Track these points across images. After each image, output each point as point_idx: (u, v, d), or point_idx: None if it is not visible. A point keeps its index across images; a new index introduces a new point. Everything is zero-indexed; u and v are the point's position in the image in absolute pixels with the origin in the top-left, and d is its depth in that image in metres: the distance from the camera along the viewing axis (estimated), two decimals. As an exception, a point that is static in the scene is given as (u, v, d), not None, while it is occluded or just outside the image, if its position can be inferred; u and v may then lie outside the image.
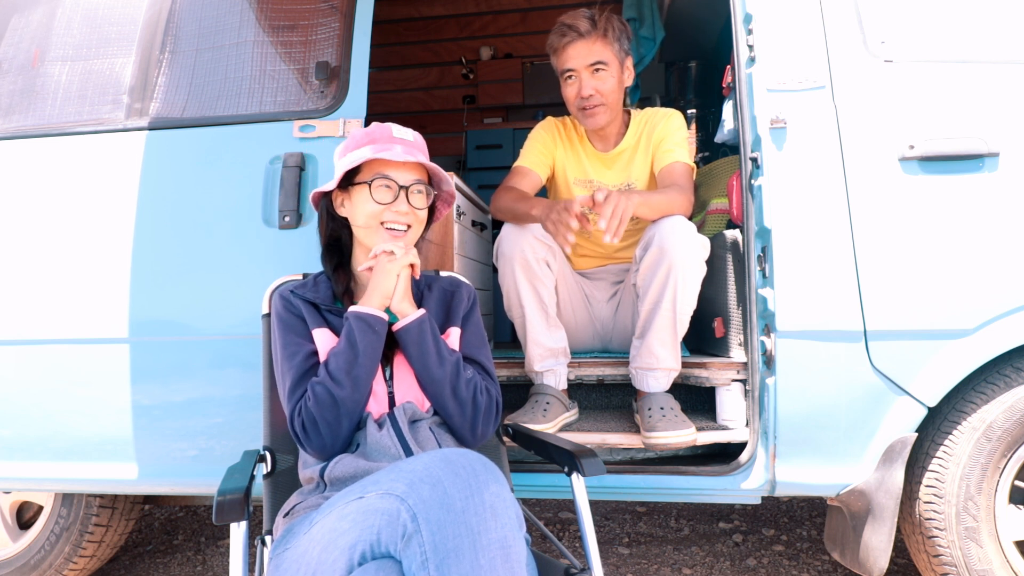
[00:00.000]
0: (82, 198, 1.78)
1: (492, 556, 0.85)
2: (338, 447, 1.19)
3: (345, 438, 1.19)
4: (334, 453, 1.19)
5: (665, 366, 1.67)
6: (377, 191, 1.24)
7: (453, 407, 1.25)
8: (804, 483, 1.56)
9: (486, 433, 1.29)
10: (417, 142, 1.31)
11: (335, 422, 1.16)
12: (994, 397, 1.51)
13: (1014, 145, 1.50)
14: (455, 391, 1.24)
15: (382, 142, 1.27)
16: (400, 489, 0.88)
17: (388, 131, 1.28)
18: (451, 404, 1.24)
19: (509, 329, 3.02)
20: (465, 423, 1.26)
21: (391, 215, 1.25)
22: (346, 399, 1.16)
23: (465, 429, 1.26)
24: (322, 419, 1.16)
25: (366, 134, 1.28)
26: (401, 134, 1.29)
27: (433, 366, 1.23)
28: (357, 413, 1.19)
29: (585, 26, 1.79)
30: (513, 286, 1.70)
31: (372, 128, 1.29)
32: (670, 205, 1.66)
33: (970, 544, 1.49)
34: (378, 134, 1.28)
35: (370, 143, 1.27)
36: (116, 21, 1.92)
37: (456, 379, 1.24)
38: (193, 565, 2.34)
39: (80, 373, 1.74)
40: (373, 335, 1.19)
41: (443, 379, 1.23)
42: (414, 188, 1.27)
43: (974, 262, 1.48)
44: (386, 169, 1.25)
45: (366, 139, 1.27)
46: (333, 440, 1.17)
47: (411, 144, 1.29)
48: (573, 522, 2.57)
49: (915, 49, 1.58)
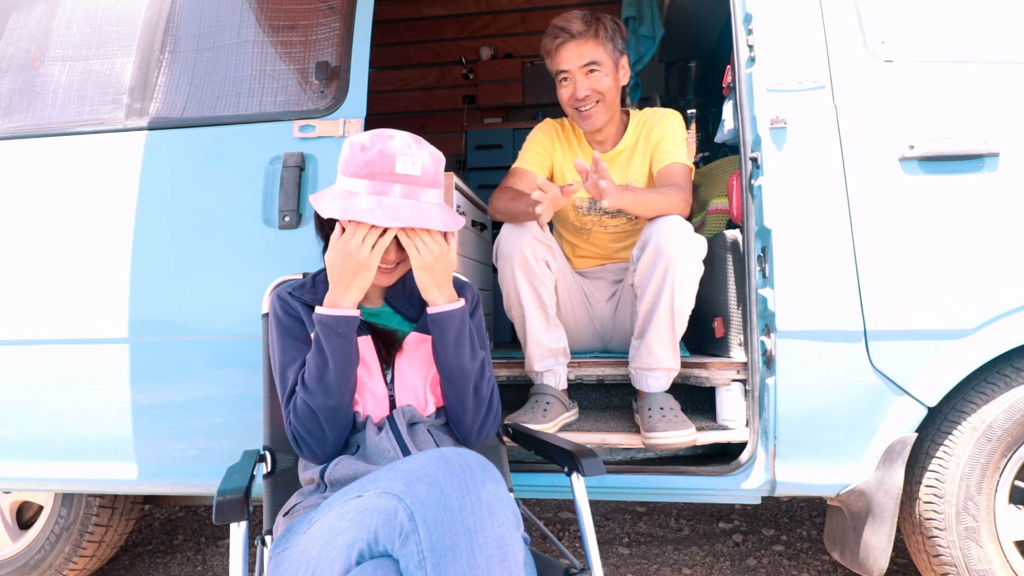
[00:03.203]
0: (82, 198, 1.78)
1: (489, 555, 0.85)
2: (329, 452, 1.18)
3: (335, 444, 1.18)
4: (329, 458, 1.18)
5: (664, 366, 1.67)
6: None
7: (471, 404, 1.23)
8: (804, 483, 1.56)
9: (489, 436, 1.29)
10: (426, 174, 1.13)
11: (317, 431, 1.15)
12: (994, 397, 1.51)
13: (1014, 145, 1.50)
14: (477, 388, 1.23)
15: (381, 178, 1.10)
16: (397, 488, 0.88)
17: (391, 163, 1.10)
18: (470, 401, 1.23)
19: (509, 329, 3.02)
20: (476, 422, 1.25)
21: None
22: (320, 407, 1.14)
23: (474, 429, 1.25)
24: (304, 430, 1.15)
25: (367, 164, 1.11)
26: (405, 168, 1.10)
27: (466, 358, 1.21)
28: (339, 420, 1.16)
29: (577, 27, 1.79)
30: (513, 286, 1.70)
31: (374, 156, 1.10)
32: (667, 205, 1.66)
33: (970, 544, 1.49)
34: (379, 167, 1.10)
35: (368, 176, 1.11)
36: (116, 21, 1.92)
37: (481, 376, 1.23)
38: (193, 565, 2.34)
39: (80, 373, 1.74)
40: (337, 338, 1.13)
41: (471, 372, 1.21)
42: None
43: (974, 262, 1.48)
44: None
45: (365, 170, 1.11)
46: (322, 448, 1.17)
47: (415, 181, 1.11)
48: (573, 522, 2.57)
49: (915, 49, 1.58)
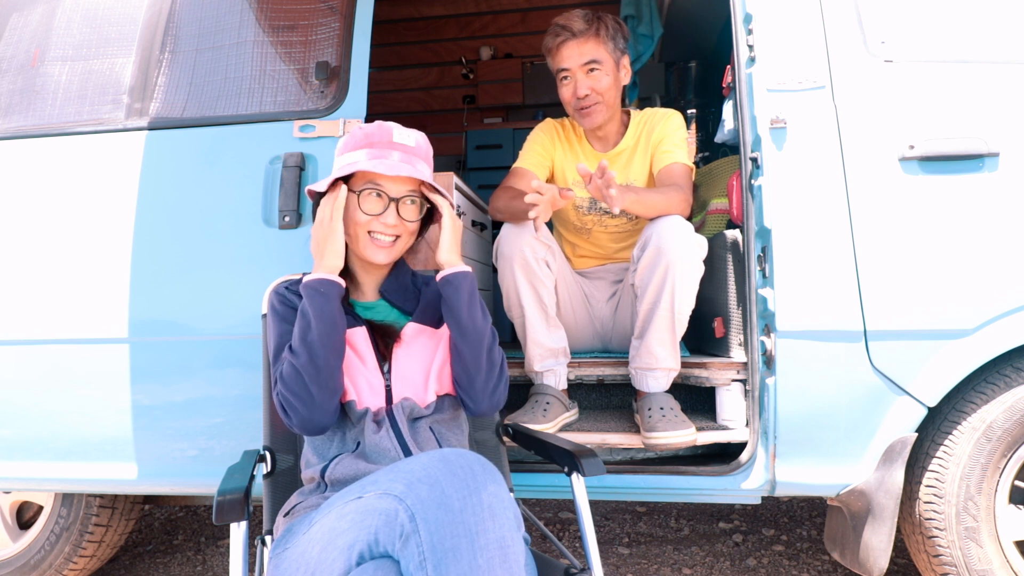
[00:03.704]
0: (82, 198, 1.78)
1: (490, 556, 0.85)
2: (316, 417, 1.15)
3: (323, 407, 1.15)
4: (317, 425, 1.16)
5: (664, 366, 1.67)
6: (365, 202, 1.21)
7: (485, 364, 1.24)
8: (804, 483, 1.56)
9: (501, 400, 1.28)
10: (419, 147, 1.26)
11: (303, 391, 1.14)
12: (994, 397, 1.51)
13: (1014, 145, 1.50)
14: (491, 350, 1.25)
15: (380, 147, 1.22)
16: (398, 489, 0.88)
17: (388, 134, 1.24)
18: (484, 361, 1.24)
19: (509, 329, 3.01)
20: (489, 385, 1.26)
21: (378, 225, 1.23)
22: (305, 366, 1.14)
23: (486, 392, 1.26)
24: (291, 393, 1.15)
25: (365, 136, 1.24)
26: (402, 138, 1.24)
27: (479, 317, 1.23)
28: (324, 382, 1.15)
29: (578, 26, 1.79)
30: (513, 286, 1.70)
31: (373, 129, 1.24)
32: (667, 204, 1.66)
33: (970, 544, 1.49)
34: (377, 137, 1.23)
35: (367, 146, 1.23)
36: (116, 21, 1.92)
37: (493, 340, 1.26)
38: (193, 565, 2.34)
39: (80, 373, 1.74)
40: (320, 297, 1.16)
41: (485, 332, 1.24)
42: (406, 199, 1.23)
43: (974, 262, 1.48)
44: (378, 179, 1.22)
45: (364, 141, 1.23)
46: (309, 410, 1.14)
47: (411, 150, 1.24)
48: (573, 522, 2.57)
49: (915, 49, 1.58)
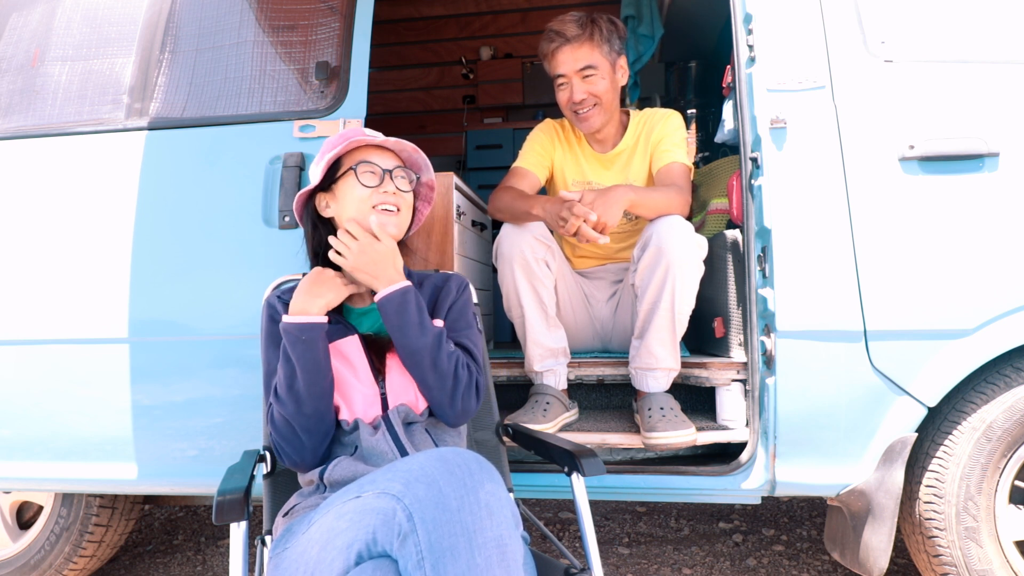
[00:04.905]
0: (82, 198, 1.78)
1: (488, 555, 0.84)
2: (310, 460, 1.18)
3: (314, 450, 1.18)
4: (312, 465, 1.19)
5: (664, 366, 1.67)
6: (363, 175, 1.25)
7: (433, 379, 1.21)
8: (804, 483, 1.56)
9: (467, 408, 1.24)
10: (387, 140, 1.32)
11: (294, 439, 1.16)
12: (994, 397, 1.50)
13: (1014, 145, 1.50)
14: (435, 362, 1.20)
15: (355, 137, 1.29)
16: (396, 488, 0.88)
17: (361, 131, 1.30)
18: (431, 376, 1.20)
19: (509, 329, 3.02)
20: (445, 396, 1.22)
21: (380, 196, 1.25)
22: (294, 416, 1.15)
23: (445, 404, 1.22)
24: (282, 439, 1.16)
25: (341, 136, 1.29)
26: (373, 134, 1.31)
27: (414, 336, 1.19)
28: (314, 428, 1.16)
29: (572, 31, 1.79)
30: (512, 286, 1.70)
31: (347, 131, 1.31)
32: (668, 204, 1.66)
33: (970, 544, 1.49)
34: (352, 133, 1.29)
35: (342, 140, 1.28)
36: (116, 21, 1.92)
37: (437, 351, 1.20)
38: (193, 565, 2.34)
39: (80, 373, 1.74)
40: (303, 346, 1.15)
41: (423, 349, 1.19)
42: (397, 172, 1.28)
43: (974, 262, 1.48)
44: (367, 155, 1.27)
45: (340, 140, 1.28)
46: (301, 456, 1.17)
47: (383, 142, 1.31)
48: (573, 522, 2.57)
49: (915, 49, 1.58)
